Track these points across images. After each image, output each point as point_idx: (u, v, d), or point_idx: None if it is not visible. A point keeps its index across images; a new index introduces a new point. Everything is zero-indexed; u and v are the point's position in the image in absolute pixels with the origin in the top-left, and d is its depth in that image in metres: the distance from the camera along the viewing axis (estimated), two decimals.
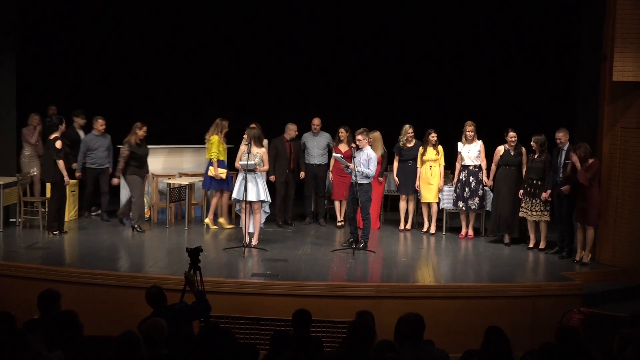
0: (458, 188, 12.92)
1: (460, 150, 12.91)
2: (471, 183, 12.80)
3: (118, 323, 7.83)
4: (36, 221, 12.85)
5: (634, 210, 11.25)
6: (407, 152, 13.33)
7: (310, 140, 13.86)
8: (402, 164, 13.41)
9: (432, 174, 13.06)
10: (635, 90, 11.16)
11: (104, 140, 13.57)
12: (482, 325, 6.90)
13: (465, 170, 12.86)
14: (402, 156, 13.37)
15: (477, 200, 12.78)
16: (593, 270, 11.24)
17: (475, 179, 12.78)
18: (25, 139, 13.72)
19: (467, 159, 12.84)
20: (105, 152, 13.56)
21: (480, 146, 12.79)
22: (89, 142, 13.49)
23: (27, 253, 11.35)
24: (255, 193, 11.70)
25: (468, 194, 12.82)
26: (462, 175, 12.89)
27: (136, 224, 12.75)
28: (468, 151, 12.82)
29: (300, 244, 12.41)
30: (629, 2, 10.93)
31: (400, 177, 13.46)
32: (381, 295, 9.95)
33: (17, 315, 6.62)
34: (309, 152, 13.84)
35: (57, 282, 9.45)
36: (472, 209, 12.89)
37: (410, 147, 13.30)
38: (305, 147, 13.87)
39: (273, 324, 9.40)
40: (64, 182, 12.23)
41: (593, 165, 11.11)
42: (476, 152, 12.79)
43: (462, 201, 12.89)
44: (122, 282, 10.10)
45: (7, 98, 13.18)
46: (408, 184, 13.38)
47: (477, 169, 12.80)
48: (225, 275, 10.46)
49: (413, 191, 13.38)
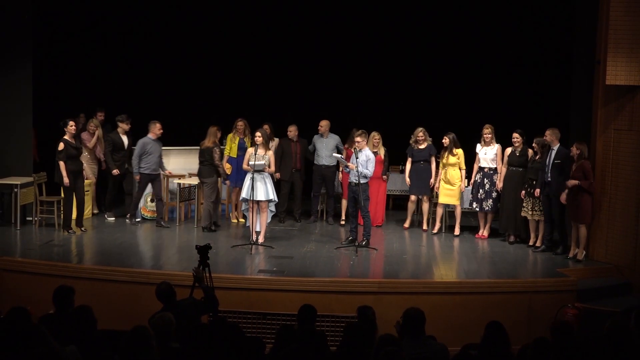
0: (474, 189, 13.03)
1: (478, 152, 12.99)
2: (485, 185, 12.88)
3: (129, 318, 7.95)
4: (52, 219, 12.99)
5: (626, 209, 11.36)
6: (418, 153, 13.40)
7: (319, 142, 14.08)
8: (414, 165, 13.48)
9: (452, 177, 13.12)
10: (628, 93, 11.30)
11: (159, 145, 13.34)
12: (480, 320, 7.01)
13: (481, 172, 12.95)
14: (414, 157, 13.43)
15: (490, 202, 12.82)
16: (587, 267, 11.37)
17: (490, 181, 12.84)
18: (84, 144, 13.63)
19: (483, 161, 12.92)
20: (159, 157, 13.29)
21: (497, 149, 12.83)
22: (145, 145, 13.11)
23: (43, 250, 11.48)
24: (265, 192, 11.88)
25: (483, 195, 12.89)
26: (478, 177, 12.98)
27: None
28: (485, 153, 12.90)
29: (305, 242, 12.56)
30: (622, 9, 11.05)
31: (412, 178, 13.53)
32: (382, 291, 10.09)
33: (33, 310, 6.70)
34: (318, 153, 14.05)
35: (71, 278, 9.56)
36: (486, 211, 12.96)
37: (422, 148, 13.37)
38: (315, 148, 14.14)
39: (279, 319, 9.46)
40: (69, 181, 12.31)
41: (584, 166, 11.32)
42: (492, 155, 12.84)
43: (476, 202, 12.98)
44: (133, 279, 10.23)
45: (24, 101, 13.38)
46: (420, 185, 13.44)
47: (492, 171, 12.86)
48: (233, 271, 10.61)
49: (427, 191, 13.45)
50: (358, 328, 6.39)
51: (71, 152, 12.40)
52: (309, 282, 10.20)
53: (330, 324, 9.48)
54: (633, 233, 11.28)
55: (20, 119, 13.44)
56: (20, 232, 12.68)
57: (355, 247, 11.92)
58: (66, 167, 12.36)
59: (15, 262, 10.81)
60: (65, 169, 12.34)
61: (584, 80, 12.45)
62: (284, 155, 13.96)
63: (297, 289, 10.01)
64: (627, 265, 11.34)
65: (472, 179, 13.13)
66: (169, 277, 8.92)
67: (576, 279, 10.70)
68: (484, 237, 13.05)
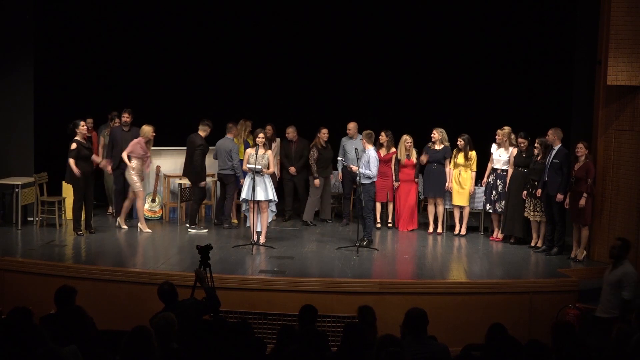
0: (487, 190, 12.98)
1: (493, 152, 12.95)
2: (498, 186, 12.82)
3: (130, 318, 7.99)
4: (53, 220, 13.00)
5: (627, 209, 11.37)
6: (433, 154, 13.34)
7: (348, 144, 13.97)
8: (428, 167, 13.44)
9: (463, 178, 13.12)
10: (629, 93, 11.31)
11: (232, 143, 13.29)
12: (481, 321, 7.04)
13: (494, 173, 12.88)
14: (429, 156, 13.38)
15: (503, 204, 12.73)
16: (588, 267, 11.37)
17: (503, 183, 12.75)
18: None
19: (497, 163, 12.87)
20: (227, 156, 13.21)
21: (511, 153, 12.71)
22: (220, 146, 13.23)
23: (44, 251, 11.49)
24: (264, 193, 11.89)
25: (495, 197, 12.83)
26: (491, 178, 12.93)
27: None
28: (499, 155, 12.85)
29: (307, 242, 12.59)
30: (623, 9, 11.06)
31: (425, 180, 13.52)
32: (384, 291, 10.08)
33: (34, 310, 6.73)
34: (347, 156, 13.92)
35: (72, 279, 9.54)
36: (498, 212, 12.90)
37: (437, 149, 13.31)
38: (344, 150, 14.07)
39: (280, 319, 9.47)
40: (79, 182, 12.22)
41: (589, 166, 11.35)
42: (506, 158, 12.76)
43: (489, 204, 12.94)
44: (135, 279, 10.23)
45: (25, 101, 13.43)
46: (434, 188, 13.38)
47: (505, 173, 12.77)
48: (234, 271, 10.60)
49: (440, 194, 13.38)
50: (358, 328, 6.38)
51: (84, 152, 12.28)
52: (310, 282, 10.20)
53: (331, 325, 9.49)
54: (634, 233, 11.25)
55: (21, 119, 13.49)
56: (21, 232, 12.71)
57: (356, 247, 11.93)
58: (77, 167, 12.18)
59: (17, 262, 10.81)
60: (74, 165, 12.14)
61: (585, 80, 12.47)
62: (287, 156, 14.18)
63: (298, 289, 10.01)
64: None
65: (484, 179, 13.09)
66: (169, 277, 8.92)
67: (577, 279, 10.68)
68: (498, 240, 12.98)
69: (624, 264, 8.96)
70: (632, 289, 8.69)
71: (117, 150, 13.26)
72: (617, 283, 8.85)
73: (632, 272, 8.87)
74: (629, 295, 8.70)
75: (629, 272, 8.87)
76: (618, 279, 8.86)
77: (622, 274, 8.87)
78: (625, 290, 8.76)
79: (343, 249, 12.08)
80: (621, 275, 8.86)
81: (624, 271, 8.87)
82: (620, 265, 8.93)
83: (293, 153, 14.21)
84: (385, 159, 13.43)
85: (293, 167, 14.09)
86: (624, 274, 8.85)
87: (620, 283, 8.82)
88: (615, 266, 8.99)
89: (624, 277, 8.84)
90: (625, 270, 8.90)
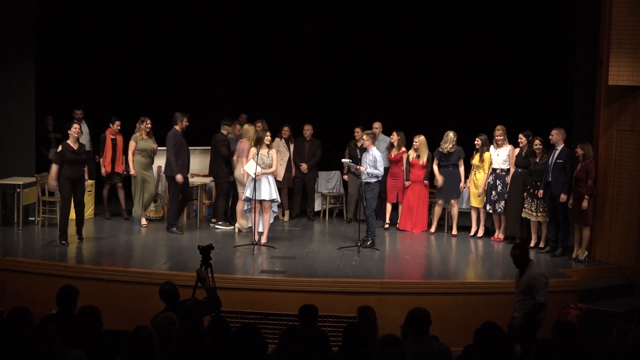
0: (487, 191, 12.94)
1: (491, 153, 12.93)
2: (498, 186, 12.80)
3: (132, 318, 7.96)
4: (54, 220, 12.94)
5: (629, 210, 11.39)
6: (446, 157, 13.30)
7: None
8: (443, 169, 13.36)
9: (478, 180, 13.05)
10: (630, 94, 11.33)
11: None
12: (482, 321, 7.01)
13: (494, 173, 12.86)
14: (441, 161, 13.33)
15: (503, 204, 12.73)
16: (589, 267, 11.40)
17: (502, 183, 12.75)
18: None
19: (495, 163, 12.85)
20: None
21: (509, 150, 12.74)
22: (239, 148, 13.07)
23: (45, 251, 11.47)
24: (268, 192, 11.86)
25: (495, 197, 12.80)
26: (490, 178, 12.90)
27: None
28: (497, 155, 12.84)
29: (308, 242, 12.60)
30: (625, 10, 11.08)
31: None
32: (385, 291, 10.09)
33: (35, 311, 6.72)
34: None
35: (73, 279, 9.46)
36: (498, 212, 12.88)
37: (451, 152, 13.25)
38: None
39: (281, 319, 9.50)
40: (65, 188, 11.57)
41: (589, 167, 11.35)
42: (504, 156, 12.77)
43: (489, 204, 12.91)
44: (136, 279, 10.22)
45: (26, 101, 13.40)
46: (448, 189, 13.32)
47: (504, 172, 12.77)
48: (236, 272, 10.62)
49: (456, 196, 13.35)
50: (359, 328, 6.37)
51: (68, 156, 11.49)
52: (312, 282, 10.19)
53: (332, 325, 9.48)
54: (635, 233, 11.31)
55: (22, 119, 13.46)
56: (22, 233, 12.69)
57: (358, 247, 11.93)
58: (62, 172, 11.53)
59: (18, 262, 10.79)
60: (56, 173, 11.55)
61: (587, 80, 12.47)
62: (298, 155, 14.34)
63: (299, 289, 10.00)
64: (630, 265, 11.36)
65: (484, 180, 13.07)
66: (170, 278, 8.88)
67: (578, 279, 10.71)
68: (499, 240, 12.96)
69: (531, 267, 8.65)
70: (544, 291, 8.54)
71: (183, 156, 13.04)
72: (529, 288, 8.62)
73: (540, 275, 8.61)
74: (544, 299, 8.48)
75: (536, 275, 8.58)
76: (528, 284, 8.58)
77: (531, 278, 8.56)
78: (539, 294, 8.48)
79: (344, 249, 12.07)
80: (530, 279, 8.58)
81: (532, 275, 8.59)
82: (527, 269, 8.72)
83: (306, 151, 14.29)
84: (396, 159, 13.42)
85: (305, 164, 14.17)
86: (532, 278, 8.55)
87: (532, 288, 8.56)
88: (523, 272, 8.78)
89: (533, 281, 8.52)
90: (532, 274, 8.56)
